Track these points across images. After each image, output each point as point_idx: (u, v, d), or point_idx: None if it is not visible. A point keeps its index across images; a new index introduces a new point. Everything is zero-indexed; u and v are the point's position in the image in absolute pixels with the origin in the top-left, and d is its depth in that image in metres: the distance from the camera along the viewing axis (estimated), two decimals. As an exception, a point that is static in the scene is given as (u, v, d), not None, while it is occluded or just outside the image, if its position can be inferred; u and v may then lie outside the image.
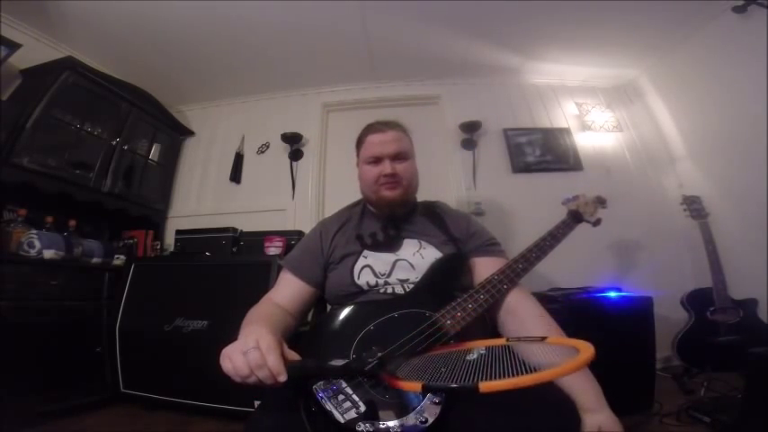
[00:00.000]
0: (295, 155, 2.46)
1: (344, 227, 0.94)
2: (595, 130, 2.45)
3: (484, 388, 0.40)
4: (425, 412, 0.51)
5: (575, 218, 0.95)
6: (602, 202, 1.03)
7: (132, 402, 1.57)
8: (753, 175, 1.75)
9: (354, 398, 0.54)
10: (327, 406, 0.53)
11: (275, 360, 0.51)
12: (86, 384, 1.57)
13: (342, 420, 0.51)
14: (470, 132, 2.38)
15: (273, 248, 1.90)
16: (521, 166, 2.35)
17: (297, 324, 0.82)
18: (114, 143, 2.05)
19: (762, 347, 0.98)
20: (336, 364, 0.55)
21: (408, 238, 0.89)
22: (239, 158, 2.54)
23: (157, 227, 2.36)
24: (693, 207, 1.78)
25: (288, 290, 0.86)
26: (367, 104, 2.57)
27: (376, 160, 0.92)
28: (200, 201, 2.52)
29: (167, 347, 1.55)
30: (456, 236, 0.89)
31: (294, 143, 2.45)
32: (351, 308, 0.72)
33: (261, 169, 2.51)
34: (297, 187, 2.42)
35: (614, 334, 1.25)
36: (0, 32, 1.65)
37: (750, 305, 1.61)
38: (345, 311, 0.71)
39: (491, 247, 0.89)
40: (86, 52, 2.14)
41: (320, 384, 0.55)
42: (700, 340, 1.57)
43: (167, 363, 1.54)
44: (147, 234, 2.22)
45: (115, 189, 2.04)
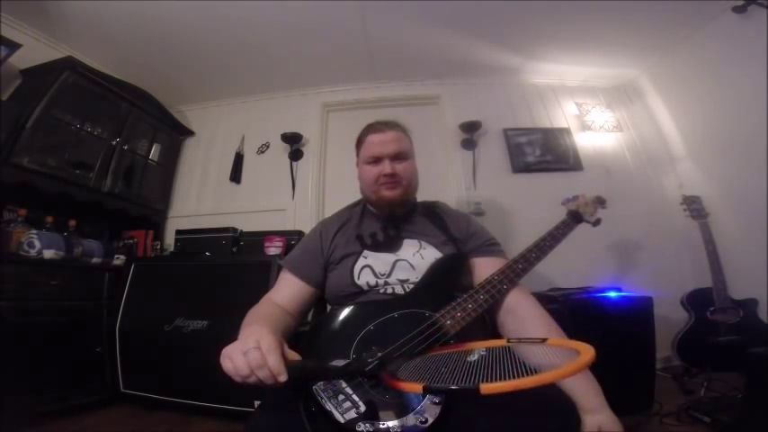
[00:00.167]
0: (295, 155, 2.46)
1: (344, 227, 0.94)
2: (595, 130, 2.45)
3: (485, 389, 0.40)
4: (425, 412, 0.51)
5: (574, 218, 0.95)
6: (601, 202, 1.03)
7: (132, 402, 1.57)
8: (753, 175, 1.75)
9: (354, 398, 0.54)
10: (327, 406, 0.53)
11: (276, 360, 0.51)
12: (86, 384, 1.57)
13: (342, 420, 0.51)
14: (470, 132, 2.38)
15: (273, 248, 1.90)
16: (521, 166, 2.35)
17: (297, 324, 0.82)
18: (114, 143, 2.05)
19: (762, 347, 0.98)
20: (337, 364, 0.55)
21: (408, 238, 0.89)
22: (239, 158, 2.54)
23: (157, 227, 2.36)
24: (693, 207, 1.78)
25: (288, 290, 0.86)
26: (367, 104, 2.57)
27: (376, 160, 0.92)
28: (200, 201, 2.52)
29: (167, 347, 1.55)
30: (456, 236, 0.89)
31: (294, 143, 2.45)
32: (351, 308, 0.72)
33: (261, 169, 2.51)
34: (297, 187, 2.42)
35: (614, 334, 1.25)
36: (0, 32, 1.65)
37: (750, 305, 1.61)
38: (345, 311, 0.71)
39: (491, 248, 0.89)
40: (86, 52, 2.14)
41: (320, 384, 0.55)
42: (700, 340, 1.57)
43: (167, 363, 1.54)
44: (147, 234, 2.22)
45: (115, 189, 2.04)
